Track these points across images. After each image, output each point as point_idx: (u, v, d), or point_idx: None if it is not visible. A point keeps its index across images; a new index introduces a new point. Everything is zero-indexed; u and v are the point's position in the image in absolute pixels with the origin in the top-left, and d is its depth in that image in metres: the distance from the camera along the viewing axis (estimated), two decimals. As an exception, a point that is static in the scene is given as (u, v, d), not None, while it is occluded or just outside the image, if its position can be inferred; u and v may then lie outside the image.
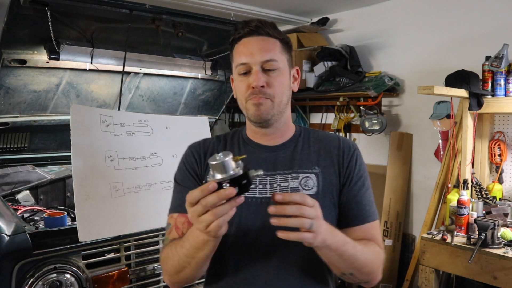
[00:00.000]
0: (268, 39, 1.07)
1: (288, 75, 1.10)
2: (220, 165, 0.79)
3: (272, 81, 1.04)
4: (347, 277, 1.01)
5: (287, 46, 1.11)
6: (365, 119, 3.18)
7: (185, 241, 0.94)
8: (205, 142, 1.16)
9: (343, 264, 0.97)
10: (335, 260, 0.95)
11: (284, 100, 1.08)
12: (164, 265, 1.03)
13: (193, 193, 0.81)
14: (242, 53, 1.05)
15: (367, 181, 1.12)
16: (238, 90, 1.08)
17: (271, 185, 1.06)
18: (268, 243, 1.04)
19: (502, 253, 2.03)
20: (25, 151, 2.82)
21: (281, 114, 1.09)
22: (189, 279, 1.01)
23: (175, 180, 1.14)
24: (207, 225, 0.81)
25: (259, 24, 1.07)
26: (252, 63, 1.04)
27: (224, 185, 0.79)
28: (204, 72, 3.07)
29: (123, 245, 2.03)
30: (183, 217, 1.05)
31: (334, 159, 1.10)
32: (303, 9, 3.41)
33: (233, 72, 1.11)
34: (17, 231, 1.77)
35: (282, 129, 1.12)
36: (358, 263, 0.98)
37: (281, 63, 1.07)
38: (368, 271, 1.02)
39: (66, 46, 2.35)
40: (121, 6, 2.29)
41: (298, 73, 1.16)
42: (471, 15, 2.74)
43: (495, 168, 2.61)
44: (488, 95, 2.44)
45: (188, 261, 0.95)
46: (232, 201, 0.80)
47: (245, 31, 1.06)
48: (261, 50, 1.04)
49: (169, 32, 2.60)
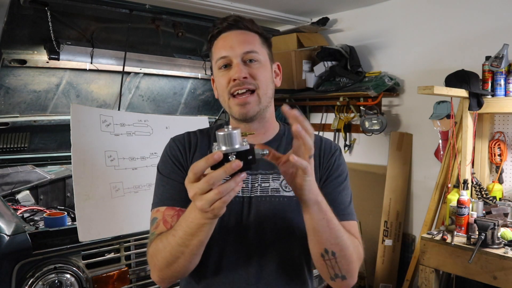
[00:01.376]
0: (247, 32, 1.06)
1: (269, 68, 1.09)
2: (228, 136, 0.75)
3: (254, 72, 1.03)
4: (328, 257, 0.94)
5: (267, 41, 1.10)
6: (365, 119, 3.18)
7: (178, 229, 0.89)
8: (188, 135, 1.14)
9: (328, 235, 0.91)
10: (322, 226, 0.90)
11: (268, 93, 1.06)
12: (153, 260, 0.96)
13: (197, 164, 0.76)
14: (222, 47, 1.04)
15: (345, 181, 1.09)
16: (219, 85, 1.06)
17: (252, 185, 1.06)
18: (249, 242, 1.03)
19: (502, 253, 2.03)
20: (25, 151, 2.82)
21: (266, 109, 1.07)
22: (181, 272, 0.95)
23: (160, 172, 1.09)
24: (211, 203, 0.76)
25: (238, 18, 1.06)
26: (233, 56, 1.02)
27: (230, 157, 0.75)
28: (204, 72, 3.07)
29: (123, 245, 2.03)
30: (172, 210, 1.02)
31: (316, 160, 1.07)
32: (303, 9, 3.41)
33: (213, 70, 1.09)
34: (17, 231, 1.77)
35: (266, 126, 1.11)
36: (342, 241, 0.93)
37: (261, 56, 1.05)
38: (349, 258, 0.96)
39: (66, 46, 2.35)
40: (121, 6, 2.29)
41: (279, 68, 1.15)
42: (471, 15, 2.75)
43: (495, 168, 2.61)
44: (488, 95, 2.44)
45: (182, 250, 0.89)
46: (236, 177, 0.75)
47: (223, 26, 1.06)
48: (241, 42, 1.03)
49: (169, 32, 2.60)
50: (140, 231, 2.07)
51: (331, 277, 0.97)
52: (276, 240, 1.04)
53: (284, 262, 1.05)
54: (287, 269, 1.06)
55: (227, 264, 1.04)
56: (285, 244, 1.05)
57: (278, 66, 1.14)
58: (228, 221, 1.03)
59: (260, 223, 1.04)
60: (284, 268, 1.05)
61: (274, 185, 1.06)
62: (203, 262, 1.01)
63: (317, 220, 0.90)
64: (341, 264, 0.95)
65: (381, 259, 3.14)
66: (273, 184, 1.06)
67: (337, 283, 0.98)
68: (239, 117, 1.05)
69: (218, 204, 0.76)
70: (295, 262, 1.08)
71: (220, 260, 1.04)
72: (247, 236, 1.04)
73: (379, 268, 3.14)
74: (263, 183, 1.06)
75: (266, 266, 1.04)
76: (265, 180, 1.06)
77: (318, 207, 0.88)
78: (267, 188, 1.05)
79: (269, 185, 1.06)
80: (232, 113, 1.06)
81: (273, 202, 1.05)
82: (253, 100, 1.03)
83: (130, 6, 2.31)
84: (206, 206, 0.77)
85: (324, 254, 0.94)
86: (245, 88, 1.02)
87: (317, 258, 0.96)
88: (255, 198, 1.05)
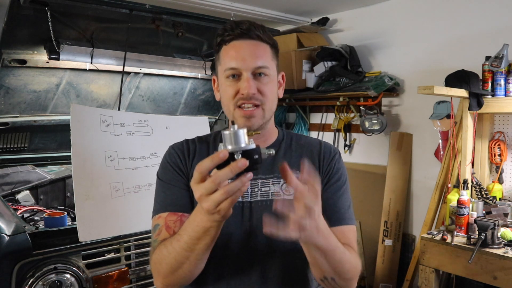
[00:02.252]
0: (260, 43, 1.03)
1: (276, 82, 1.08)
2: (234, 135, 0.75)
3: (263, 88, 1.02)
4: (328, 282, 0.96)
5: (276, 51, 1.08)
6: (365, 119, 3.18)
7: (183, 234, 0.87)
8: (187, 143, 1.13)
9: (327, 267, 0.92)
10: (321, 261, 0.90)
11: (273, 108, 1.07)
12: (157, 267, 0.95)
13: (203, 163, 0.75)
14: (233, 57, 1.01)
15: (345, 186, 1.09)
16: (225, 94, 1.04)
17: (252, 189, 1.05)
18: (251, 248, 1.02)
19: (502, 253, 2.03)
20: (25, 151, 2.82)
21: (268, 122, 1.07)
22: (185, 278, 0.94)
23: (160, 179, 1.09)
24: (218, 204, 0.75)
25: (251, 26, 1.02)
26: (243, 69, 1.00)
27: (236, 156, 0.74)
28: (204, 72, 3.07)
29: (123, 245, 2.03)
30: (174, 216, 1.00)
31: (316, 163, 1.08)
32: (303, 9, 3.41)
33: (219, 74, 1.07)
34: (17, 231, 1.77)
35: (266, 135, 1.11)
36: (341, 267, 0.93)
37: (271, 70, 1.04)
38: (349, 280, 0.97)
39: (66, 46, 2.35)
40: (121, 6, 2.29)
41: (283, 79, 1.13)
42: (471, 15, 2.74)
43: (495, 168, 2.61)
44: (488, 95, 2.44)
45: (187, 255, 0.88)
46: (242, 177, 0.74)
47: (235, 33, 1.02)
48: (253, 56, 1.01)
49: (169, 32, 2.60)
50: (140, 231, 2.08)
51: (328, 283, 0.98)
52: (280, 245, 1.02)
53: (287, 268, 1.04)
54: (291, 276, 1.04)
55: (228, 271, 1.03)
56: (289, 248, 1.03)
57: (283, 76, 1.13)
58: (228, 226, 1.00)
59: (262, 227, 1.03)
60: (287, 274, 1.04)
61: (275, 189, 1.05)
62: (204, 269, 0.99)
63: (316, 257, 0.90)
64: (341, 284, 0.96)
65: (381, 259, 3.14)
66: (274, 188, 1.05)
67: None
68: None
69: (225, 205, 0.75)
70: (298, 268, 1.06)
71: (222, 266, 1.02)
72: (249, 241, 1.02)
73: (379, 268, 3.14)
74: (263, 188, 1.05)
75: (269, 272, 1.02)
76: (265, 185, 1.06)
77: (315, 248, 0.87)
78: (268, 192, 1.05)
79: (269, 189, 1.05)
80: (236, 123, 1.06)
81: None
82: (258, 114, 1.02)
83: (130, 6, 2.31)
84: (212, 207, 0.76)
85: (324, 280, 0.95)
86: (252, 104, 1.01)
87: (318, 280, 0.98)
88: (256, 203, 1.04)
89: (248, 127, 1.01)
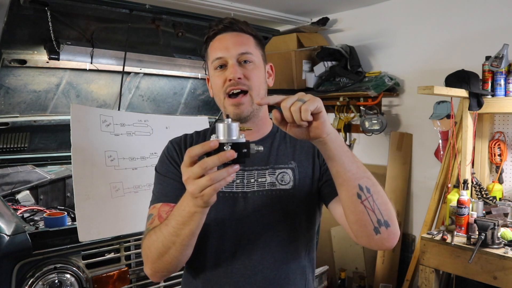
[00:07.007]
0: (242, 34, 1.11)
1: (263, 69, 1.13)
2: (226, 127, 0.80)
3: (248, 73, 1.07)
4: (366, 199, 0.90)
5: (260, 43, 1.15)
6: (365, 119, 3.18)
7: (171, 219, 0.91)
8: (185, 137, 1.19)
9: (357, 169, 0.89)
10: (348, 159, 0.88)
11: (261, 93, 1.10)
12: (147, 252, 0.99)
13: (193, 148, 0.80)
14: (218, 48, 1.09)
15: None
16: (215, 85, 1.11)
17: (248, 180, 1.09)
18: (245, 237, 1.05)
19: (502, 253, 2.03)
20: (25, 151, 2.81)
21: (259, 109, 1.11)
22: (172, 264, 0.97)
23: (158, 172, 1.14)
24: (202, 189, 0.79)
25: (233, 20, 1.11)
26: (228, 57, 1.07)
27: (226, 147, 0.79)
28: (204, 72, 3.04)
29: (123, 245, 2.03)
30: (167, 206, 1.05)
31: (310, 152, 1.13)
32: (303, 9, 3.41)
33: (209, 70, 1.13)
34: (17, 231, 1.77)
35: (259, 124, 1.15)
36: (370, 175, 0.92)
37: (255, 57, 1.10)
38: (383, 196, 0.93)
39: (66, 46, 2.34)
40: (121, 6, 2.28)
41: (272, 69, 1.19)
42: (471, 15, 2.75)
43: (495, 168, 2.61)
44: (488, 95, 2.44)
45: (173, 239, 0.91)
46: (229, 168, 0.79)
47: (219, 28, 1.10)
48: (236, 44, 1.08)
49: (169, 32, 2.60)
50: (140, 231, 2.06)
51: (375, 227, 0.91)
52: (275, 232, 1.07)
53: (283, 255, 1.07)
54: (286, 262, 1.07)
55: (225, 258, 1.06)
56: (285, 236, 1.07)
57: (271, 67, 1.19)
58: (224, 215, 1.06)
59: (258, 217, 1.06)
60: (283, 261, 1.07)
61: (271, 180, 1.09)
62: (202, 256, 1.05)
63: (343, 153, 0.88)
64: (379, 203, 0.91)
65: (381, 259, 3.14)
66: (270, 179, 1.09)
67: (383, 236, 0.92)
68: (233, 117, 1.08)
69: (208, 191, 0.79)
70: (295, 256, 1.09)
71: (219, 253, 1.07)
72: (245, 229, 1.06)
73: (379, 268, 3.14)
74: (259, 178, 1.09)
75: (265, 259, 1.06)
76: (261, 176, 1.09)
77: (341, 140, 0.89)
78: (264, 183, 1.08)
79: (265, 179, 1.09)
80: (227, 113, 1.10)
81: (271, 195, 1.07)
82: (246, 101, 1.07)
83: (130, 6, 2.31)
84: (197, 191, 0.80)
85: (360, 193, 0.90)
86: (239, 89, 1.06)
87: (355, 206, 0.91)
88: (252, 193, 1.08)
89: (238, 114, 1.07)
